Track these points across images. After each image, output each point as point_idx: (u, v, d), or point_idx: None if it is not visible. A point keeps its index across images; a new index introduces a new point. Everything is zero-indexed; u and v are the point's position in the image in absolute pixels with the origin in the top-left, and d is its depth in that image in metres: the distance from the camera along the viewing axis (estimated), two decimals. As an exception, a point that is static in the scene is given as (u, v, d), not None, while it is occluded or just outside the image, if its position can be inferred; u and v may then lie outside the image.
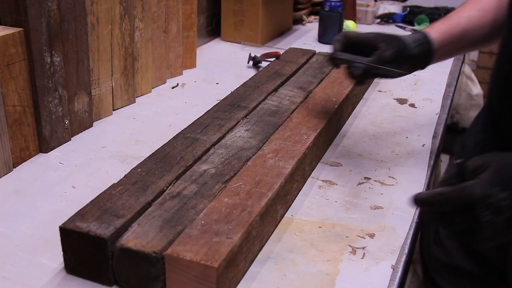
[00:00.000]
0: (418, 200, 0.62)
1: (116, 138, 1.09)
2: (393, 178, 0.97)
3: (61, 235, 0.69)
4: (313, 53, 1.42)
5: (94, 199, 0.74)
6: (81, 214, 0.70)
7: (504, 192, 0.55)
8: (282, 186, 0.81)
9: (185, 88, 1.36)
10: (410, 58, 0.92)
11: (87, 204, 0.73)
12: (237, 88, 1.17)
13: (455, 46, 0.98)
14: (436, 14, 1.96)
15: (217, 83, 1.39)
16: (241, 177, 0.81)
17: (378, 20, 2.03)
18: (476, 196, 0.55)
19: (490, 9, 0.98)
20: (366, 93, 1.33)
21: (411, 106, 1.28)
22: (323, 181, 0.95)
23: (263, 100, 1.11)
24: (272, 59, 1.42)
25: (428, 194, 0.61)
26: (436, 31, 0.96)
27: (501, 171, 0.56)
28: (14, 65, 0.91)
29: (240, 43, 1.71)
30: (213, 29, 1.75)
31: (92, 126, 1.13)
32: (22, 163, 0.97)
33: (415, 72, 0.97)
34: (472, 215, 0.56)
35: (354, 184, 0.95)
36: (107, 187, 0.78)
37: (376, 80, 1.43)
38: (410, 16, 1.99)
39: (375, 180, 0.96)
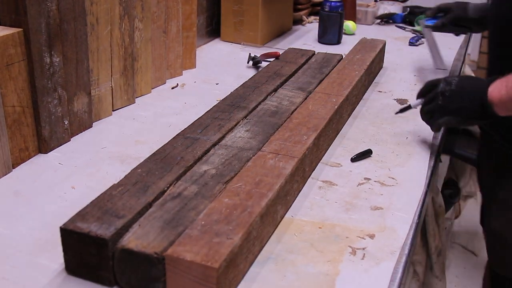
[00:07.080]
0: (421, 93, 1.09)
1: (115, 138, 1.09)
2: (393, 178, 0.97)
3: (62, 235, 0.69)
4: (312, 54, 1.42)
5: (94, 199, 0.74)
6: (81, 215, 0.70)
7: (455, 79, 1.01)
8: (282, 186, 0.81)
9: (184, 89, 1.36)
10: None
11: (87, 205, 0.73)
12: (236, 89, 1.17)
13: None
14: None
15: (216, 84, 1.39)
16: (241, 177, 0.81)
17: (378, 21, 2.03)
18: (440, 79, 1.04)
19: None
20: (366, 94, 1.33)
21: (410, 107, 1.28)
22: (323, 181, 0.95)
23: (263, 100, 1.11)
24: (271, 59, 1.42)
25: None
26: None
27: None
28: (14, 66, 0.91)
29: (240, 44, 1.71)
30: (213, 29, 1.75)
31: (91, 126, 1.12)
32: (22, 163, 0.97)
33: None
34: (435, 86, 1.02)
35: (354, 185, 0.95)
36: (107, 187, 0.77)
37: (375, 81, 1.43)
38: (410, 16, 1.99)
39: (375, 181, 0.96)
